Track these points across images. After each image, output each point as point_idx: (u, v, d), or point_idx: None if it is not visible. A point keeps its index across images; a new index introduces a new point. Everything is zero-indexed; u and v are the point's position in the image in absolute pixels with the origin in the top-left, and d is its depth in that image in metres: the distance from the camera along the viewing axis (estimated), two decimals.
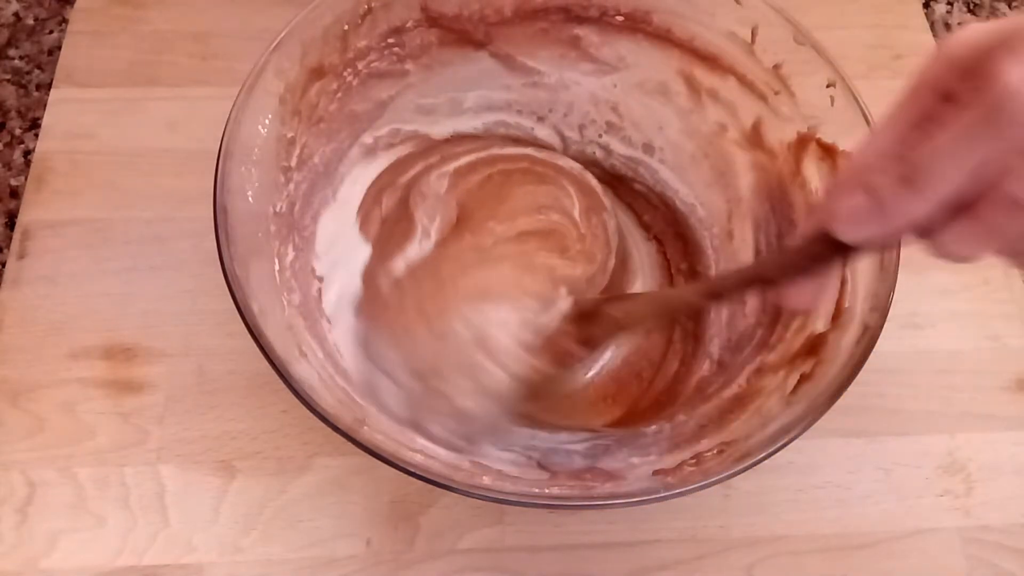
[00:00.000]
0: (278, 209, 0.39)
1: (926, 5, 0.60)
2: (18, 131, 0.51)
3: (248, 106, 0.37)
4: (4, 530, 0.39)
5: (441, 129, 0.48)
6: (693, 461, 0.34)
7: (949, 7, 0.61)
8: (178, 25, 0.53)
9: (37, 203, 0.47)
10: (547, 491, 0.33)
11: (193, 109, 0.50)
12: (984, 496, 0.42)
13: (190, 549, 0.39)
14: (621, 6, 0.43)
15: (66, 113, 0.50)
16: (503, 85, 0.47)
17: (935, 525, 0.41)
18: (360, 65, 0.43)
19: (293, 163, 0.41)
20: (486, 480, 0.34)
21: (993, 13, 0.61)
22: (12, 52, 0.54)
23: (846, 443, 0.43)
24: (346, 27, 0.41)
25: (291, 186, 0.41)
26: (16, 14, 0.56)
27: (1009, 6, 0.61)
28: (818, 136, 0.40)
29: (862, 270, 0.36)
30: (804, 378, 0.35)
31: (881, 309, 0.34)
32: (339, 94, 0.43)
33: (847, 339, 0.34)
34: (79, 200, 0.47)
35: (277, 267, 0.38)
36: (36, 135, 0.49)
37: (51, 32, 0.55)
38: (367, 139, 0.46)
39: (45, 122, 0.49)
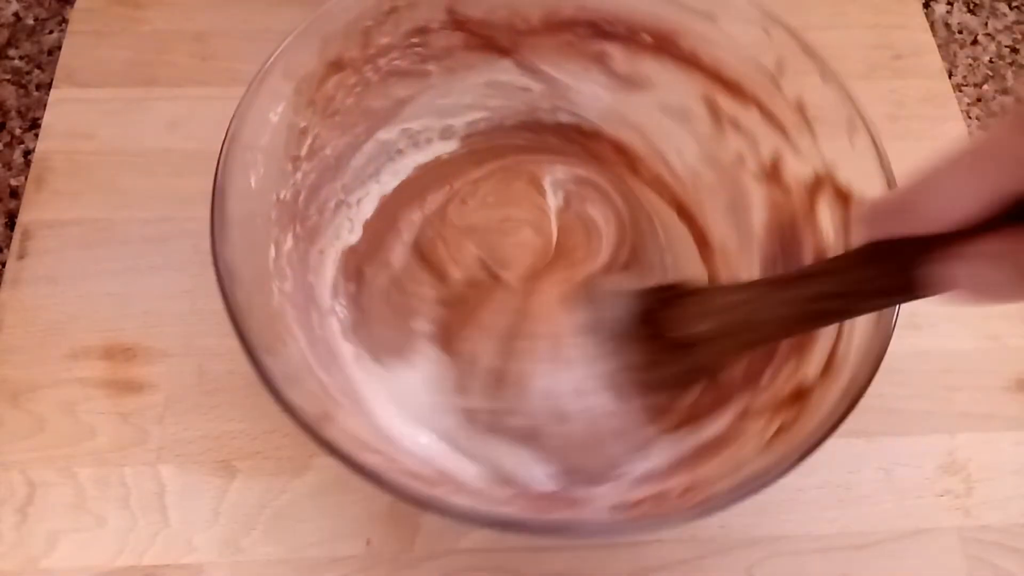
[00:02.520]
0: (282, 197, 0.39)
1: (926, 5, 0.60)
2: (18, 131, 0.51)
3: (261, 92, 0.37)
4: (4, 530, 0.39)
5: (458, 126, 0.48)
6: (654, 500, 0.34)
7: (949, 7, 0.61)
8: (178, 25, 0.53)
9: (37, 203, 0.47)
10: (498, 510, 0.32)
11: (193, 109, 0.50)
12: (984, 496, 0.42)
13: (190, 549, 0.39)
14: (649, 26, 0.43)
15: (66, 113, 0.50)
16: (523, 88, 0.47)
17: (935, 525, 0.41)
18: (381, 62, 0.43)
19: (303, 153, 0.40)
20: (440, 491, 0.33)
21: (993, 13, 0.61)
22: (12, 52, 0.54)
23: (846, 443, 0.43)
24: (369, 23, 0.41)
25: (299, 175, 0.40)
26: (16, 14, 0.56)
27: (1009, 6, 0.61)
28: (834, 177, 0.39)
29: (860, 325, 0.35)
30: (783, 427, 0.34)
31: (872, 363, 0.33)
32: (357, 88, 0.42)
33: (833, 391, 0.34)
34: (79, 200, 0.47)
35: (273, 254, 0.38)
36: (36, 135, 0.49)
37: (51, 32, 0.55)
38: (383, 135, 0.46)
39: (45, 122, 0.49)
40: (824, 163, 0.39)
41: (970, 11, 0.61)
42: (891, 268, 0.27)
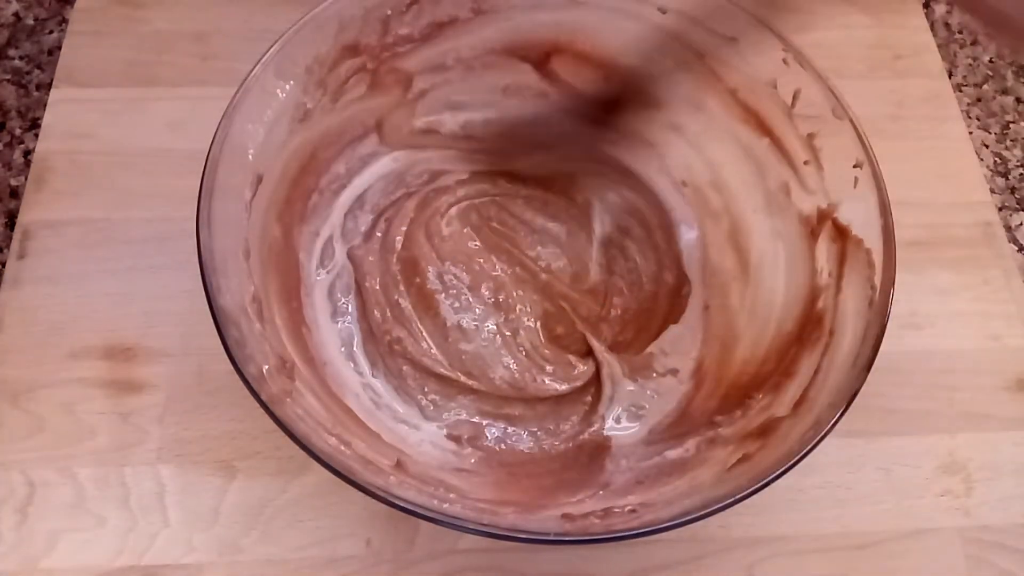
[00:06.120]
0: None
1: (926, 5, 0.60)
2: (18, 131, 0.51)
3: (270, 69, 0.37)
4: (4, 530, 0.39)
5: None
6: (602, 513, 0.34)
7: (949, 7, 0.61)
8: (178, 25, 0.53)
9: (37, 203, 0.47)
10: (444, 506, 0.32)
11: (193, 109, 0.50)
12: (984, 496, 0.42)
13: (190, 549, 0.39)
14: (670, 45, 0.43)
15: (66, 113, 0.50)
16: (540, 93, 0.47)
17: (935, 525, 0.41)
18: (399, 51, 0.43)
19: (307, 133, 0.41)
20: (392, 480, 0.33)
21: None
22: (12, 52, 0.54)
23: (846, 443, 0.43)
24: (389, 12, 0.41)
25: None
26: (16, 14, 0.56)
27: None
28: (835, 215, 0.39)
29: (837, 365, 0.35)
30: (745, 457, 0.35)
31: (839, 407, 0.33)
32: (370, 77, 0.43)
33: (798, 429, 0.34)
34: (79, 200, 0.47)
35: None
36: (36, 135, 0.49)
37: (51, 32, 0.55)
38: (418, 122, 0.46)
39: (45, 122, 0.49)
40: (828, 200, 0.39)
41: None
42: None
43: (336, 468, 0.31)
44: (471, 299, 0.44)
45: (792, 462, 0.31)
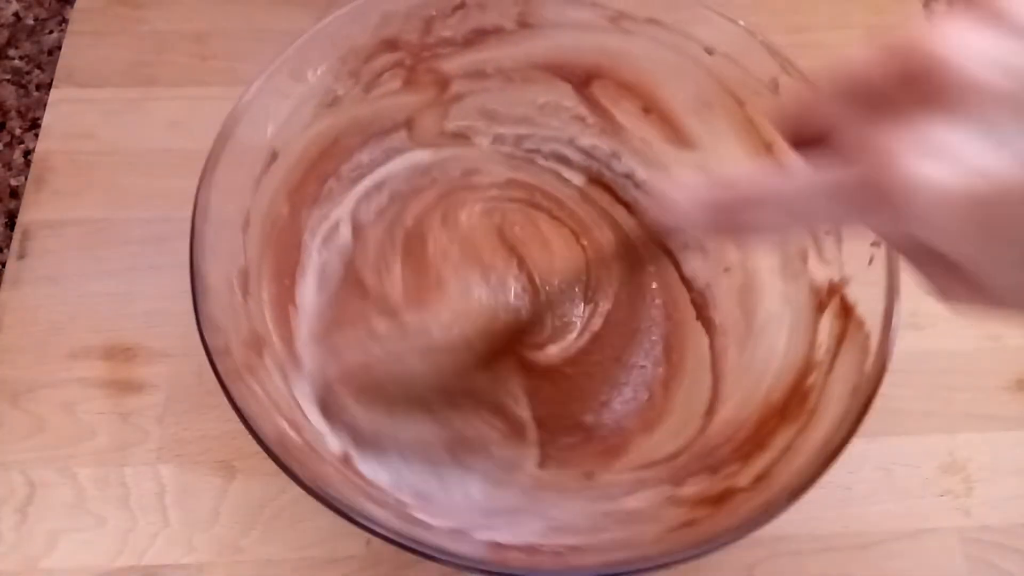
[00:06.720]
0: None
1: (926, 5, 0.60)
2: (18, 131, 0.51)
3: (305, 49, 0.37)
4: (4, 530, 0.39)
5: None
6: (527, 550, 0.33)
7: (949, 7, 0.61)
8: (178, 25, 0.53)
9: (37, 203, 0.47)
10: (369, 510, 0.31)
11: (193, 109, 0.50)
12: (984, 496, 0.42)
13: (190, 549, 0.39)
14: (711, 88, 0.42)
15: (66, 113, 0.50)
16: (577, 117, 0.47)
17: (935, 525, 0.41)
18: (439, 52, 0.42)
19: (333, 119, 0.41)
20: (330, 470, 0.33)
21: None
22: (12, 52, 0.54)
23: None
24: (433, 12, 0.40)
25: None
26: (16, 14, 0.56)
27: None
28: (845, 291, 0.38)
29: (807, 448, 0.34)
30: (691, 523, 0.33)
31: (795, 494, 0.31)
32: (406, 74, 0.42)
33: (749, 505, 0.33)
34: (79, 200, 0.47)
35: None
36: (36, 135, 0.49)
37: (51, 32, 0.55)
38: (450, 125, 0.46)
39: (45, 122, 0.49)
40: (841, 274, 0.38)
41: None
42: None
43: (270, 448, 0.30)
44: (461, 274, 0.43)
45: (729, 540, 0.30)
